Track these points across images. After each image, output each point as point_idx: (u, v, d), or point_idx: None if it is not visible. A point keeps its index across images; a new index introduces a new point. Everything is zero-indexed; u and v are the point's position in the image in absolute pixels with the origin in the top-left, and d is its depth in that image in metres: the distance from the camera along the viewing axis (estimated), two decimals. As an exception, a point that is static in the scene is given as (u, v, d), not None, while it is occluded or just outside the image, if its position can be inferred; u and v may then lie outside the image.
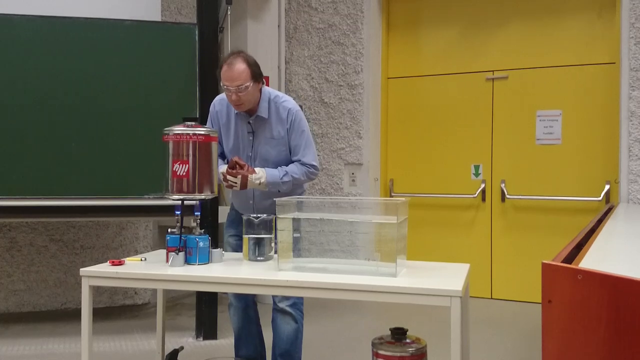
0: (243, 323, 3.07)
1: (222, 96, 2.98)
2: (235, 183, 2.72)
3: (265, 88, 2.91)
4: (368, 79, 5.32)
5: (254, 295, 3.09)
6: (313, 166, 2.92)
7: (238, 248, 2.84)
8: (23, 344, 3.93)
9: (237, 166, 2.75)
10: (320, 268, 2.20)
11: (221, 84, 2.78)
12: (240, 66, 2.72)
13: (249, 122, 2.88)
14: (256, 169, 2.79)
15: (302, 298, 2.94)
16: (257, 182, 2.76)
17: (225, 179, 2.74)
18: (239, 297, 3.03)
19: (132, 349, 3.85)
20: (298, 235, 2.26)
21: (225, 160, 2.97)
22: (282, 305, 2.90)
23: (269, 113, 2.87)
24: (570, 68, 4.81)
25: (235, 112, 2.89)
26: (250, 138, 2.89)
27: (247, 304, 3.06)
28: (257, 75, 2.79)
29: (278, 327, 2.95)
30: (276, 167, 2.87)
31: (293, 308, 2.91)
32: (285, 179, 2.85)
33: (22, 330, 4.26)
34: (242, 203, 2.99)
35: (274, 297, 2.97)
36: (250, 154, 2.89)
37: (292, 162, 2.91)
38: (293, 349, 2.95)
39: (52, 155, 3.89)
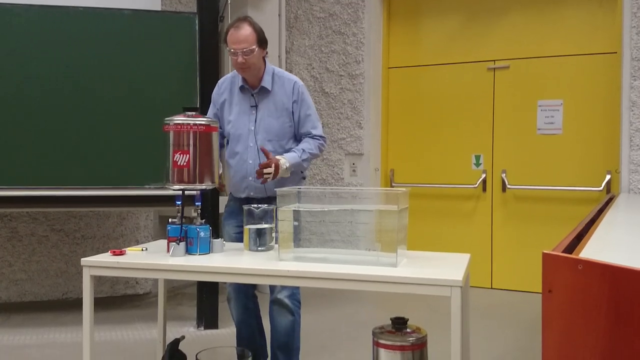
0: (243, 316, 3.05)
1: (226, 76, 3.05)
2: (270, 173, 2.72)
3: (268, 63, 2.95)
4: (369, 69, 5.31)
5: (253, 288, 3.08)
6: (323, 138, 3.00)
7: (239, 239, 2.84)
8: (24, 334, 3.94)
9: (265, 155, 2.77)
10: (321, 258, 2.20)
11: (228, 49, 2.82)
12: (246, 29, 2.78)
13: (252, 95, 2.91)
14: (277, 157, 2.80)
15: (298, 287, 2.93)
16: (284, 167, 2.78)
17: (260, 174, 2.74)
18: (238, 290, 3.02)
19: (134, 339, 3.86)
20: (297, 224, 2.26)
21: (225, 140, 3.00)
22: (281, 296, 2.89)
23: (272, 85, 2.91)
24: (571, 58, 4.79)
25: (239, 86, 2.93)
26: (253, 112, 2.91)
27: (247, 296, 3.05)
28: (262, 41, 2.84)
29: (275, 320, 2.95)
30: (278, 139, 2.90)
31: (290, 299, 2.91)
32: (304, 156, 2.89)
33: (24, 320, 4.28)
34: (239, 182, 2.96)
35: (270, 288, 2.97)
36: (252, 127, 2.90)
37: (301, 135, 2.95)
38: (291, 340, 2.95)
39: (53, 145, 3.89)
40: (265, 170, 2.72)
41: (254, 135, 2.89)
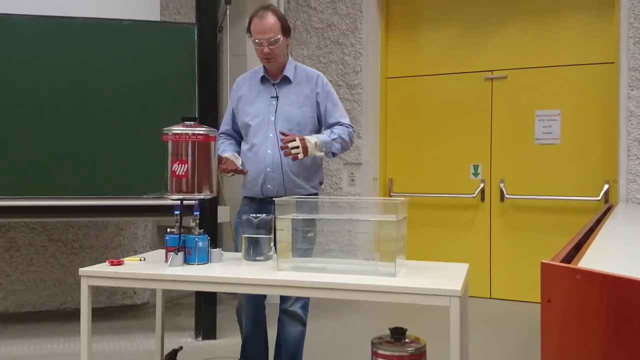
0: (252, 327, 2.97)
1: (245, 74, 3.02)
2: (298, 147, 2.64)
3: (290, 57, 2.93)
4: (367, 79, 5.32)
5: (263, 299, 2.99)
6: (353, 128, 2.93)
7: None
8: (22, 344, 3.93)
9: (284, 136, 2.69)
10: (320, 268, 2.20)
11: (252, 39, 2.78)
12: (271, 19, 2.75)
13: (273, 86, 2.87)
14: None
15: (309, 297, 2.90)
16: (313, 142, 2.71)
17: (285, 149, 2.65)
18: (251, 300, 2.93)
19: (131, 349, 3.85)
20: (307, 234, 2.25)
21: (243, 133, 2.91)
22: (294, 307, 2.85)
23: (294, 76, 2.88)
24: (569, 68, 4.81)
25: (260, 77, 2.89)
26: (274, 102, 2.86)
27: (258, 307, 2.96)
28: (286, 29, 2.82)
29: (286, 330, 2.90)
30: (299, 129, 2.82)
31: (303, 310, 2.87)
32: (333, 136, 2.82)
33: (21, 330, 4.26)
34: (256, 176, 2.84)
35: (283, 299, 2.90)
36: (273, 118, 2.84)
37: (330, 125, 2.89)
38: (300, 350, 2.92)
39: (51, 155, 3.89)
40: (290, 144, 2.64)
41: (274, 125, 2.83)
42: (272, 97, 2.87)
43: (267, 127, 2.83)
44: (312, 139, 2.72)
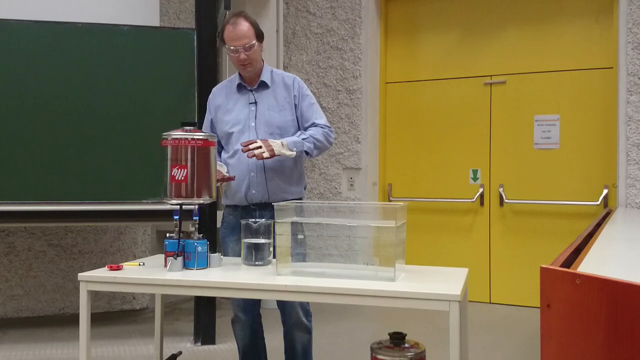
0: (250, 338, 2.95)
1: (220, 83, 3.03)
2: (261, 147, 2.62)
3: (266, 63, 2.93)
4: (366, 84, 5.33)
5: (259, 308, 2.98)
6: (329, 127, 2.89)
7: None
8: (21, 349, 3.92)
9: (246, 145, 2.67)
10: (319, 272, 2.20)
11: (227, 47, 2.77)
12: (244, 25, 2.75)
13: (250, 92, 2.86)
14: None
15: (308, 303, 2.88)
16: (279, 142, 2.69)
17: (247, 151, 2.63)
18: (246, 311, 2.90)
19: (130, 354, 3.84)
20: (302, 237, 2.25)
21: (224, 142, 2.91)
22: (299, 318, 2.82)
23: (271, 81, 2.87)
24: (568, 73, 4.82)
25: (237, 85, 2.88)
26: (253, 108, 2.85)
27: (254, 317, 2.94)
28: (260, 35, 2.82)
29: (293, 340, 2.87)
30: (281, 133, 2.81)
31: (306, 317, 2.85)
32: (304, 136, 2.80)
33: (20, 335, 4.25)
34: (239, 182, 2.82)
35: (281, 310, 2.87)
36: (253, 123, 2.82)
37: (306, 128, 2.86)
38: (309, 357, 2.91)
39: (50, 160, 3.89)
40: (251, 146, 2.62)
41: (255, 130, 2.81)
42: (250, 103, 2.86)
43: (249, 133, 2.82)
44: (277, 140, 2.71)
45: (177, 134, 2.40)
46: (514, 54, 5.01)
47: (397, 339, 2.29)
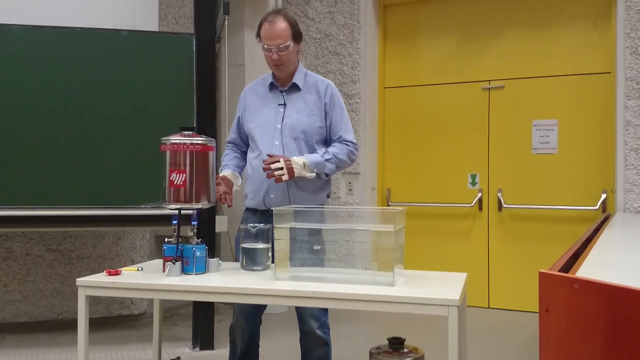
0: (247, 346, 2.89)
1: (253, 82, 2.95)
2: (282, 169, 2.56)
3: (301, 64, 2.87)
4: (365, 89, 5.34)
5: (261, 314, 2.92)
6: (354, 144, 2.80)
7: None
8: (19, 355, 3.91)
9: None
10: (318, 277, 2.19)
11: (262, 45, 2.71)
12: (281, 24, 2.68)
13: (281, 93, 2.80)
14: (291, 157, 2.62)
15: (327, 314, 2.80)
16: (301, 162, 2.61)
17: (268, 171, 2.57)
18: (249, 319, 2.84)
19: (129, 359, 3.83)
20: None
21: (250, 141, 2.82)
22: (310, 328, 2.75)
23: (304, 83, 2.80)
24: (566, 78, 4.83)
25: (269, 83, 2.82)
26: (281, 110, 2.78)
27: (255, 325, 2.89)
28: (297, 35, 2.74)
29: (309, 353, 2.81)
30: (305, 138, 2.73)
31: (321, 329, 2.76)
32: (327, 156, 2.70)
33: (19, 340, 4.24)
34: (260, 184, 2.75)
35: (300, 318, 2.81)
36: (279, 125, 2.75)
37: (333, 140, 2.79)
38: None
39: (49, 164, 3.89)
40: (273, 166, 2.55)
41: (280, 133, 2.74)
42: (279, 104, 2.79)
43: (273, 135, 2.75)
44: (300, 160, 2.63)
45: (176, 138, 2.40)
46: (512, 58, 5.02)
47: (396, 344, 2.28)
